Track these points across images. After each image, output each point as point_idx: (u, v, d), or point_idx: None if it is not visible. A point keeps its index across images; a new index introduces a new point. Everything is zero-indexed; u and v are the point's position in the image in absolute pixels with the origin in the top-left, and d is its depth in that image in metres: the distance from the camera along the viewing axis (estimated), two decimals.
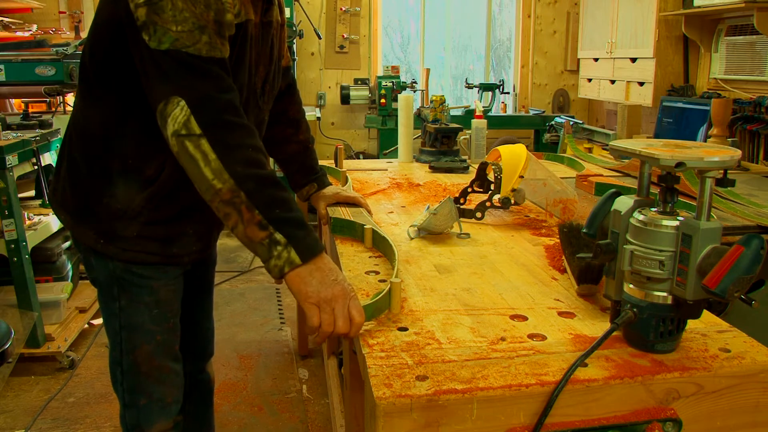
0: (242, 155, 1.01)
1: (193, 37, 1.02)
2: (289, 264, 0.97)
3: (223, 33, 1.06)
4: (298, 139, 1.57)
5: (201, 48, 1.03)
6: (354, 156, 5.02)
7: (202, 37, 1.03)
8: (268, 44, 1.27)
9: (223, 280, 3.80)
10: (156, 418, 1.36)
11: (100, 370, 2.66)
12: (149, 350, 1.30)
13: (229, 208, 0.99)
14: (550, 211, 1.64)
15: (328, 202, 1.61)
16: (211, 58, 1.04)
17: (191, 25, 1.02)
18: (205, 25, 1.03)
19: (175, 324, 1.36)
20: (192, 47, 1.02)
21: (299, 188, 1.64)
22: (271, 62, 1.30)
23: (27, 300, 2.59)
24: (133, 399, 1.34)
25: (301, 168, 1.60)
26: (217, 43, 1.05)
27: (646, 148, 0.85)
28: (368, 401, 0.81)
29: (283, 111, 1.55)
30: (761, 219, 1.70)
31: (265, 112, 1.35)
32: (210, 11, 1.03)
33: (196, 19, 1.02)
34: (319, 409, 2.39)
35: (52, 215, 2.89)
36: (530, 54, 5.39)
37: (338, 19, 5.05)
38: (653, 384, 0.83)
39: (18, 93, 3.33)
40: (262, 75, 1.28)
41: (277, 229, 0.98)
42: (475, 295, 1.11)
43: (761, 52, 3.32)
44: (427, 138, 2.58)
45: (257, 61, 1.24)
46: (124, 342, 1.30)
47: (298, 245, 0.98)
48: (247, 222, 0.98)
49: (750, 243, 0.78)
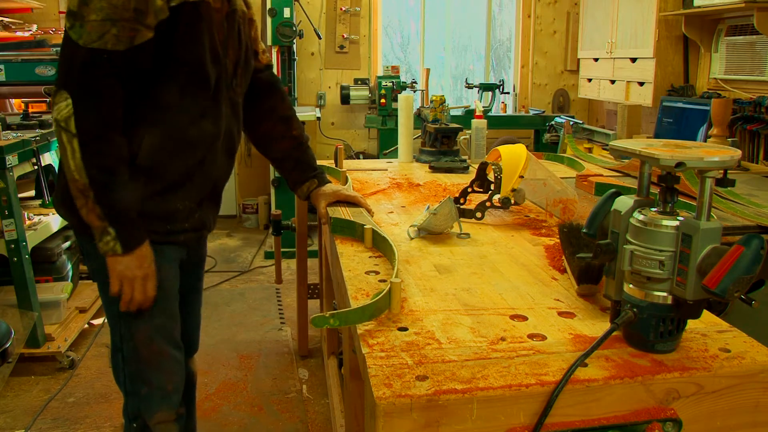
0: (101, 162, 1.19)
1: (103, 27, 1.14)
2: (112, 251, 1.24)
3: (143, 20, 1.17)
4: (291, 135, 1.62)
5: (108, 41, 1.15)
6: (354, 156, 5.02)
7: (111, 29, 1.15)
8: (235, 30, 1.38)
9: (223, 280, 3.80)
10: (157, 407, 1.39)
11: (100, 370, 2.66)
12: (148, 334, 1.35)
13: (80, 196, 1.21)
14: (550, 211, 1.64)
15: (329, 201, 1.62)
16: (116, 51, 1.16)
17: (104, 15, 1.14)
18: (117, 19, 1.14)
19: (173, 309, 1.40)
20: (98, 41, 1.15)
21: (299, 185, 1.65)
22: (241, 47, 1.41)
23: (27, 300, 2.59)
24: (134, 387, 1.38)
25: (298, 165, 1.64)
26: (124, 36, 1.16)
27: (646, 148, 0.85)
28: (368, 401, 0.81)
29: (272, 109, 1.60)
30: (761, 219, 1.70)
31: (238, 95, 1.44)
32: (131, 0, 1.15)
33: (111, 11, 1.14)
34: (319, 409, 2.39)
35: (52, 215, 2.90)
36: (530, 54, 5.39)
37: (338, 19, 5.05)
38: (653, 384, 0.83)
39: (18, 93, 3.33)
40: (233, 59, 1.38)
41: (111, 224, 1.22)
42: (475, 295, 1.11)
43: (761, 52, 3.32)
44: (427, 138, 2.58)
45: (225, 45, 1.35)
46: (123, 327, 1.36)
47: (122, 239, 1.23)
48: (91, 210, 1.21)
49: (750, 243, 0.78)
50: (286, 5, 4.19)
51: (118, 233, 1.22)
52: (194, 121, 1.32)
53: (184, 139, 1.31)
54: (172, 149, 1.30)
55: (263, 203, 4.99)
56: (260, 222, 5.03)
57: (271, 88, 1.62)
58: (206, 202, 1.43)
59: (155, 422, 1.39)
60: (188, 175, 1.34)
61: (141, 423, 1.40)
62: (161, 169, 1.30)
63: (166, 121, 1.29)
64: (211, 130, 1.35)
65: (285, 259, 4.04)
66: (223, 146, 1.41)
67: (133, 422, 1.41)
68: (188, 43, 1.25)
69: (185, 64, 1.26)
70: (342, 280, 1.22)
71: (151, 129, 1.27)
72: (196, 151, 1.34)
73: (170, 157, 1.30)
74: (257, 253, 4.36)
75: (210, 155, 1.38)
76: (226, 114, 1.39)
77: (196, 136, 1.33)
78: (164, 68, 1.25)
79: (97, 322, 3.10)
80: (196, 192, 1.38)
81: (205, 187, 1.40)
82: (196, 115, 1.32)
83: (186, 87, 1.29)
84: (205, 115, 1.33)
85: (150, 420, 1.38)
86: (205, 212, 1.44)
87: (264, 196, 5.02)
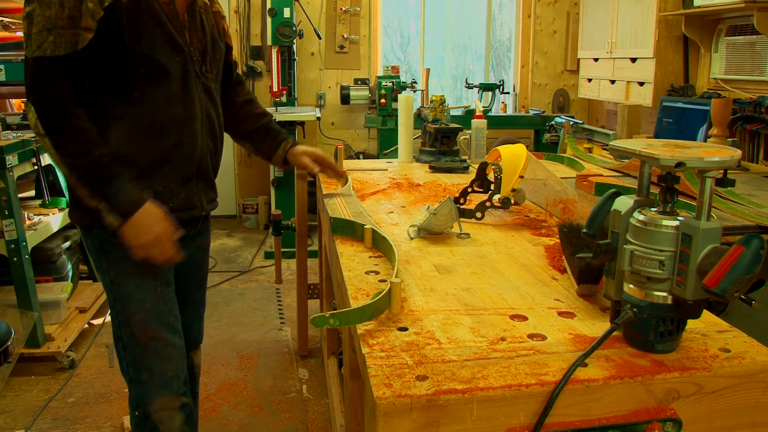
0: (71, 150, 1.29)
1: (41, 37, 1.23)
2: (111, 224, 1.32)
3: (79, 24, 1.25)
4: (256, 112, 1.76)
5: (46, 48, 1.24)
6: (354, 156, 5.02)
7: (48, 38, 1.24)
8: (197, 20, 1.47)
9: (223, 280, 3.80)
10: (156, 393, 1.43)
11: (100, 370, 2.66)
12: (142, 318, 1.42)
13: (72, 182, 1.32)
14: (550, 211, 1.64)
15: (310, 157, 1.79)
16: (55, 56, 1.25)
17: (41, 26, 1.23)
18: (52, 27, 1.23)
19: (164, 293, 1.46)
20: (38, 50, 1.24)
21: (274, 150, 1.77)
22: (205, 35, 1.49)
23: (27, 300, 2.59)
24: (136, 374, 1.44)
25: (268, 133, 1.77)
26: (63, 41, 1.24)
27: (646, 148, 0.85)
28: (368, 401, 0.81)
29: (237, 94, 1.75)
30: (761, 219, 1.70)
31: (210, 80, 1.52)
32: (64, 9, 1.23)
33: (45, 22, 1.23)
34: (319, 409, 2.39)
35: (52, 215, 2.90)
36: (530, 54, 5.39)
37: (338, 19, 5.05)
38: (653, 384, 0.83)
39: (18, 93, 3.33)
40: (199, 46, 1.47)
41: (102, 201, 1.31)
42: (475, 295, 1.11)
43: (761, 52, 3.32)
44: (427, 138, 2.58)
45: (192, 36, 1.44)
46: (120, 314, 1.43)
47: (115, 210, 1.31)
48: (83, 193, 1.32)
49: (750, 243, 0.78)
50: (286, 5, 4.19)
51: (109, 206, 1.30)
52: (161, 108, 1.39)
53: (153, 126, 1.38)
54: (142, 136, 1.38)
55: (263, 203, 4.99)
56: (260, 222, 5.03)
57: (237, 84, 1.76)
58: (193, 182, 1.50)
59: (156, 408, 1.42)
60: (164, 159, 1.41)
61: (143, 411, 1.43)
62: (133, 156, 1.37)
63: (132, 112, 1.36)
64: (184, 114, 1.43)
65: (285, 259, 4.04)
66: (203, 128, 1.49)
67: (136, 410, 1.44)
68: (137, 37, 1.32)
69: (138, 56, 1.33)
70: (342, 280, 1.22)
71: (120, 121, 1.36)
72: (168, 135, 1.41)
73: (140, 143, 1.38)
74: (257, 253, 4.36)
75: (189, 138, 1.45)
76: (200, 99, 1.47)
77: (166, 121, 1.40)
78: (120, 64, 1.32)
79: (97, 322, 3.10)
80: (176, 173, 1.44)
81: (187, 168, 1.47)
82: (162, 103, 1.39)
83: (147, 78, 1.36)
84: (173, 102, 1.40)
85: (150, 406, 1.41)
86: (193, 191, 1.50)
87: (264, 196, 5.02)
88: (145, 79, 1.35)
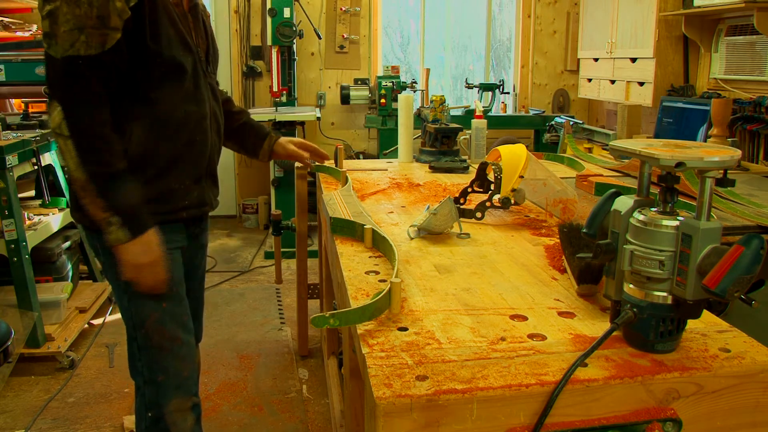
0: (96, 158, 1.28)
1: (72, 36, 1.23)
2: (117, 240, 1.31)
3: (108, 24, 1.25)
4: (235, 110, 1.79)
5: (79, 48, 1.23)
6: (354, 156, 5.02)
7: (80, 37, 1.23)
8: (201, 23, 1.50)
9: (223, 280, 3.80)
10: (172, 394, 1.43)
11: (100, 370, 2.66)
12: (158, 318, 1.41)
13: (83, 192, 1.29)
14: (550, 211, 1.64)
15: (295, 144, 1.85)
16: (88, 56, 1.24)
17: (72, 25, 1.22)
18: (83, 26, 1.23)
19: (179, 293, 1.46)
20: (71, 49, 1.23)
21: (260, 144, 1.81)
22: (207, 37, 1.53)
23: (27, 300, 2.59)
24: (152, 375, 1.43)
25: (252, 129, 1.80)
26: (94, 41, 1.24)
27: (646, 148, 0.85)
28: (368, 401, 0.81)
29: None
30: (761, 219, 1.70)
31: (213, 79, 1.57)
32: (93, 8, 1.23)
33: (76, 20, 1.22)
34: (319, 409, 2.39)
35: (52, 215, 2.90)
36: (530, 54, 5.39)
37: (338, 19, 5.05)
38: (653, 384, 0.83)
39: (18, 93, 3.33)
40: (203, 47, 1.50)
41: (114, 214, 1.29)
42: (475, 295, 1.11)
43: (761, 52, 3.32)
44: (427, 138, 2.58)
45: (197, 36, 1.47)
46: (134, 316, 1.42)
47: (126, 227, 1.30)
48: (94, 205, 1.29)
49: (750, 243, 0.78)
50: (286, 5, 4.19)
51: (122, 222, 1.30)
52: (177, 106, 1.40)
53: (170, 124, 1.40)
54: (160, 135, 1.39)
55: (263, 203, 4.99)
56: (260, 222, 5.03)
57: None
58: (204, 180, 1.52)
59: (171, 410, 1.42)
60: (180, 156, 1.43)
61: (156, 412, 1.42)
62: (152, 155, 1.38)
63: (149, 112, 1.37)
64: (196, 112, 1.45)
65: (285, 259, 4.04)
66: (211, 126, 1.51)
67: (149, 412, 1.43)
68: (156, 36, 1.33)
69: (158, 55, 1.34)
70: (342, 280, 1.22)
71: (138, 122, 1.36)
72: (183, 133, 1.42)
73: (159, 142, 1.39)
74: (257, 253, 4.36)
75: (201, 135, 1.47)
76: (207, 97, 1.49)
77: (182, 118, 1.41)
78: (141, 63, 1.33)
79: (97, 322, 3.10)
80: (191, 170, 1.46)
81: (200, 165, 1.49)
82: (178, 101, 1.40)
83: (164, 77, 1.37)
84: (187, 100, 1.42)
85: (166, 407, 1.41)
86: (204, 190, 1.52)
87: (264, 196, 5.02)
88: (163, 78, 1.36)
